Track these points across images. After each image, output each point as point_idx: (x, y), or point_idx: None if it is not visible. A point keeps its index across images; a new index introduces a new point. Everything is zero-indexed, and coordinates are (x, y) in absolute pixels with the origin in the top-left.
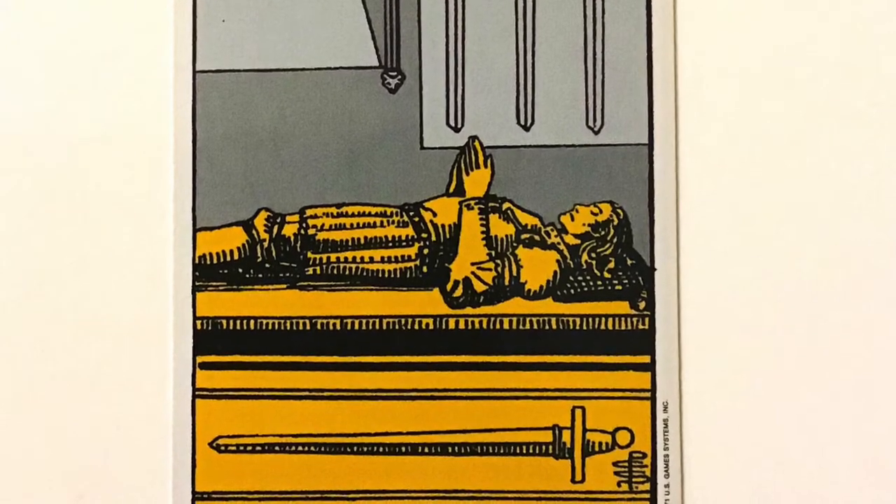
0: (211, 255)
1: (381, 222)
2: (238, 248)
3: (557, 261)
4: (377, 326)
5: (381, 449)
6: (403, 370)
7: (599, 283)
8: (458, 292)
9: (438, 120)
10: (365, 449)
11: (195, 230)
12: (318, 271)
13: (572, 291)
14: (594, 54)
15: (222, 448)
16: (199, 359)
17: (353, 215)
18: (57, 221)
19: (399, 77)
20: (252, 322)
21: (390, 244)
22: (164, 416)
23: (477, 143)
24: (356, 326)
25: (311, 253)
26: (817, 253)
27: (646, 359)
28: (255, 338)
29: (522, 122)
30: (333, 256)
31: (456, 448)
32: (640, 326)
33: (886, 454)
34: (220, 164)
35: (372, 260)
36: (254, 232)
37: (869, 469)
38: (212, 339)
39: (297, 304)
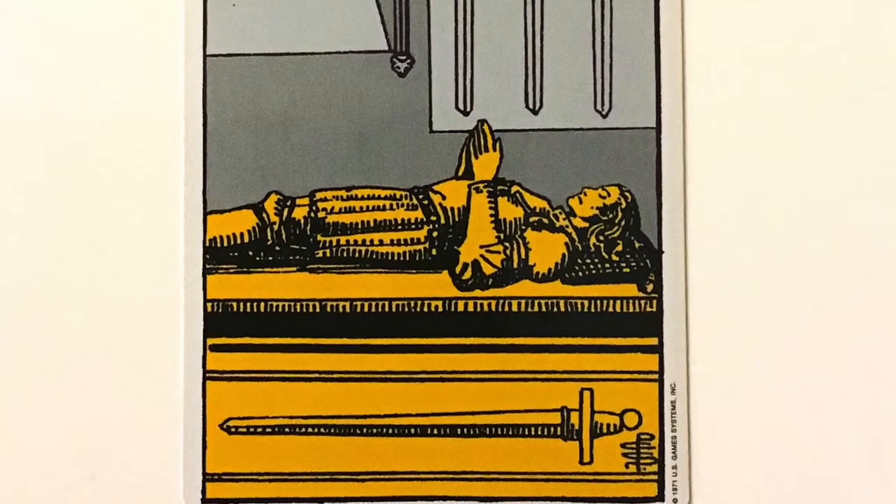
0: (221, 237)
1: (391, 205)
2: (248, 231)
3: (566, 243)
4: (386, 309)
5: (390, 430)
6: (412, 352)
7: (607, 265)
8: (467, 275)
9: (447, 103)
10: (374, 430)
11: (206, 213)
12: (328, 254)
13: (580, 274)
14: (602, 38)
15: (233, 430)
16: (210, 341)
17: (362, 198)
18: (68, 205)
19: (408, 61)
20: (262, 304)
21: (399, 227)
22: (175, 397)
23: (486, 127)
24: (366, 309)
25: (320, 236)
26: (825, 236)
27: (653, 341)
28: (266, 320)
29: (531, 106)
30: (343, 239)
31: (465, 430)
32: (648, 309)
33: (894, 436)
34: (231, 148)
35: (381, 243)
36: (264, 215)
37: (876, 451)
38: (222, 322)
39: (307, 286)
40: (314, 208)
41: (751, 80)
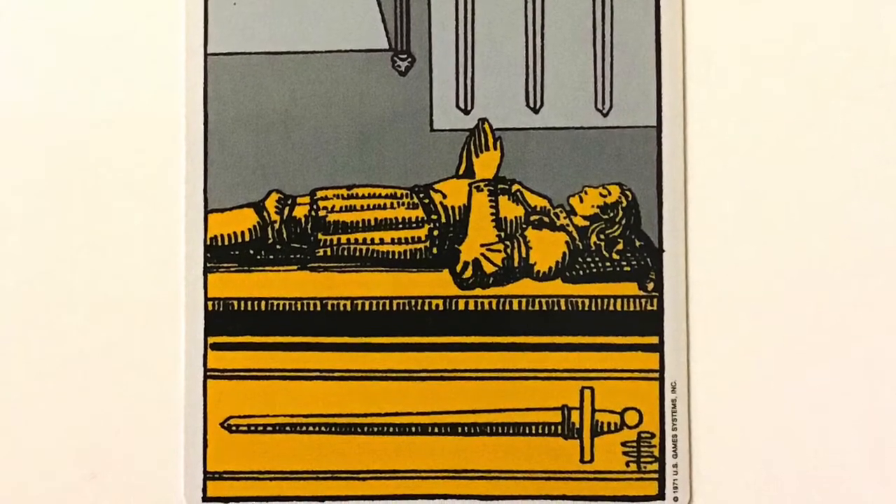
0: (222, 236)
1: (392, 204)
2: (249, 230)
3: (566, 242)
4: (387, 307)
5: (391, 429)
6: (413, 351)
7: (608, 264)
8: (468, 273)
9: (448, 102)
10: (375, 429)
11: (206, 212)
12: (329, 252)
13: (581, 273)
14: (603, 37)
15: (234, 428)
16: (211, 339)
17: (363, 197)
18: (68, 204)
19: (409, 60)
20: (263, 303)
21: (400, 226)
22: (176, 396)
23: (486, 126)
24: (366, 307)
25: (321, 234)
26: (826, 234)
27: (654, 339)
28: (266, 319)
29: (532, 105)
30: (344, 238)
31: (465, 428)
32: (649, 307)
33: (895, 435)
34: (232, 147)
35: (382, 241)
36: (265, 213)
37: (877, 450)
38: (223, 320)
39: (308, 285)
40: (315, 207)
41: (751, 78)
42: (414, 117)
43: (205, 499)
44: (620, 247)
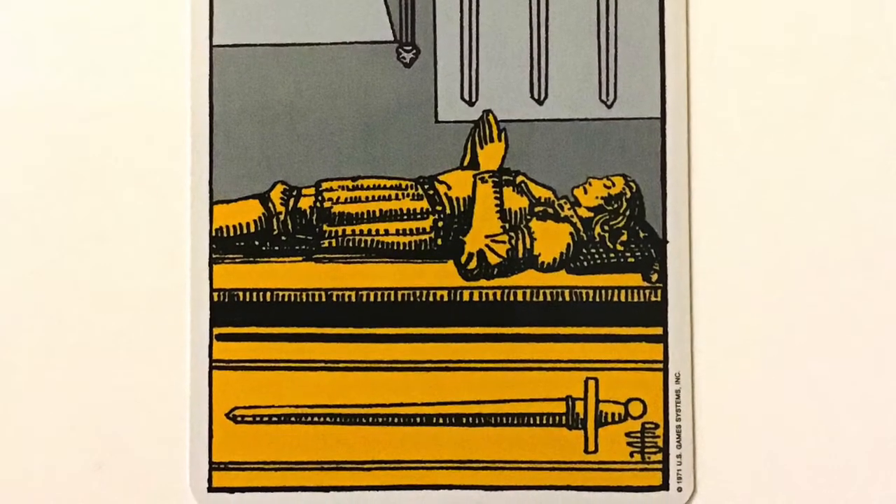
0: (227, 227)
1: (396, 195)
2: (254, 221)
3: (571, 233)
4: (392, 298)
5: (395, 420)
6: (418, 342)
7: (612, 255)
8: (473, 265)
9: (453, 94)
10: (380, 420)
11: (212, 203)
12: (334, 244)
13: (585, 264)
14: (607, 29)
15: (239, 419)
16: (216, 330)
17: (368, 188)
18: (74, 195)
19: (414, 51)
20: (268, 294)
21: (405, 217)
22: (182, 387)
23: (491, 117)
24: (371, 298)
25: (326, 226)
26: (830, 225)
27: (658, 330)
28: (272, 309)
29: (536, 96)
30: (349, 229)
31: (470, 419)
32: (653, 298)
33: None
34: (237, 138)
35: (387, 232)
36: (270, 205)
37: (881, 441)
38: (228, 311)
39: (313, 276)
40: (320, 198)
41: (755, 70)
42: (418, 109)
43: (210, 489)
44: (624, 238)
